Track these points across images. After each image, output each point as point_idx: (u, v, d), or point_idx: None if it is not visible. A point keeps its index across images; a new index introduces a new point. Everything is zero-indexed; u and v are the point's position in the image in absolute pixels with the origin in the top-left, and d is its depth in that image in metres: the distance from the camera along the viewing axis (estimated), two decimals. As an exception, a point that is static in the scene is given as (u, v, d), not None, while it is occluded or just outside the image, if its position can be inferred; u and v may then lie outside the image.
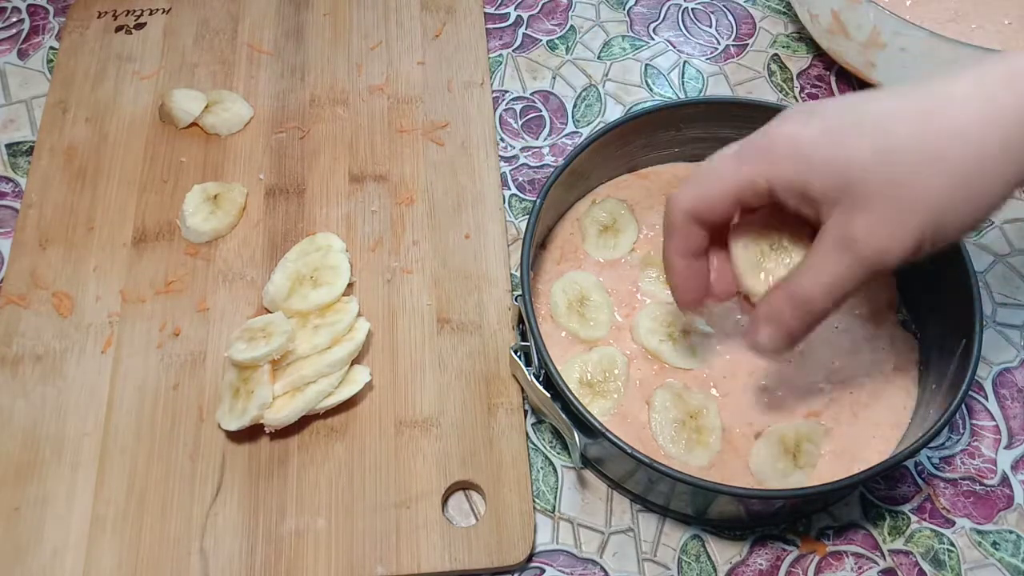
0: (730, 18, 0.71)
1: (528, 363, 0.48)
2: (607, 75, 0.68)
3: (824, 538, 0.50)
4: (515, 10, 0.71)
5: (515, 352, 0.49)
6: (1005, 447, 0.53)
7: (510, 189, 0.62)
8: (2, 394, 0.51)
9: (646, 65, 0.68)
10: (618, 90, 0.67)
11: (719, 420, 0.49)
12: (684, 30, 0.70)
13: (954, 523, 0.50)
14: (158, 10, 0.67)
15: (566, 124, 0.65)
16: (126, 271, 0.56)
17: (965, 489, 0.51)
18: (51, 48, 0.67)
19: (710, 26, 0.71)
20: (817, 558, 0.49)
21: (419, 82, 0.64)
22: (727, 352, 0.52)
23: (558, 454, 0.52)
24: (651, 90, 0.67)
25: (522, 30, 0.70)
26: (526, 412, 0.52)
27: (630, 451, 0.42)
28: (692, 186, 0.42)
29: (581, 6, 0.71)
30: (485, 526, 0.48)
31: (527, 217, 0.52)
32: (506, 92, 0.66)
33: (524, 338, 0.50)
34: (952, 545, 0.50)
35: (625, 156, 0.57)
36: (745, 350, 0.52)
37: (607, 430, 0.43)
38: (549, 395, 0.46)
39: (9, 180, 0.61)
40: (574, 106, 0.66)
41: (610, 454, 0.47)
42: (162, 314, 0.54)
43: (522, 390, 0.52)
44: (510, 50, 0.69)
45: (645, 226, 0.56)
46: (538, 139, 0.64)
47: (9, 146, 0.63)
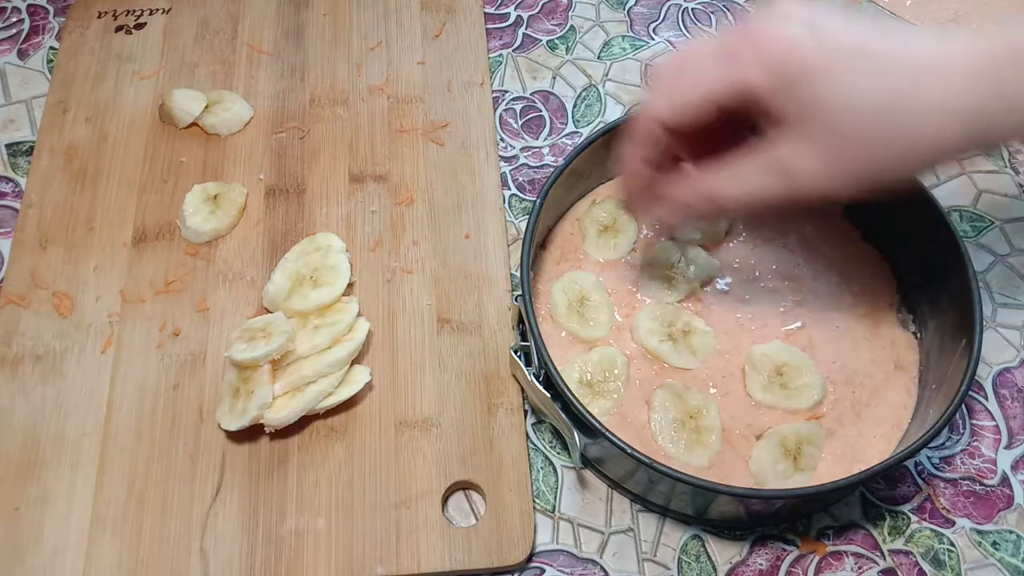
0: (730, 18, 0.71)
1: (528, 363, 0.48)
2: (607, 75, 0.68)
3: (824, 538, 0.50)
4: (515, 10, 0.71)
5: (515, 352, 0.49)
6: (1005, 447, 0.53)
7: (510, 189, 0.62)
8: (2, 394, 0.51)
9: (646, 65, 0.68)
10: (618, 90, 0.67)
11: (719, 420, 0.49)
12: (684, 30, 0.70)
13: (954, 523, 0.50)
14: (158, 10, 0.67)
15: (566, 124, 0.65)
16: (126, 271, 0.56)
17: (965, 489, 0.51)
18: (51, 48, 0.67)
19: (710, 26, 0.71)
20: (817, 558, 0.49)
21: (419, 82, 0.64)
22: (727, 352, 0.52)
23: (558, 454, 0.52)
24: (651, 90, 0.67)
25: (522, 30, 0.70)
26: (526, 412, 0.52)
27: (630, 451, 0.42)
28: (664, 92, 0.40)
29: (581, 6, 0.71)
30: (485, 526, 0.48)
31: (527, 217, 0.52)
32: (506, 92, 0.66)
33: (524, 338, 0.50)
34: (952, 545, 0.50)
35: (625, 156, 0.57)
36: (744, 348, 0.52)
37: (607, 430, 0.43)
38: (549, 395, 0.46)
39: (9, 180, 0.61)
40: (574, 106, 0.66)
41: (610, 454, 0.47)
42: (162, 314, 0.54)
43: (522, 390, 0.52)
44: (510, 50, 0.69)
45: (645, 226, 0.56)
46: (538, 139, 0.64)
47: (9, 146, 0.63)
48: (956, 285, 0.48)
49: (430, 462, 0.50)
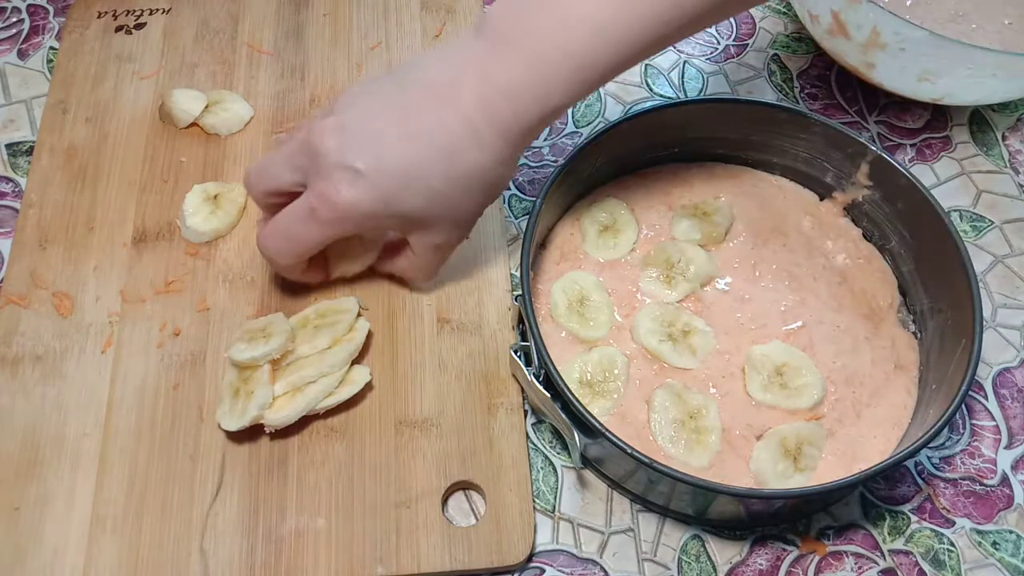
0: (730, 18, 0.71)
1: (528, 363, 0.48)
2: (607, 75, 0.67)
3: (824, 538, 0.50)
4: (515, 10, 0.71)
5: (515, 352, 0.49)
6: (1005, 447, 0.53)
7: (510, 189, 0.62)
8: (2, 394, 0.51)
9: (646, 65, 0.68)
10: (618, 90, 0.67)
11: (719, 420, 0.49)
12: (684, 30, 0.70)
13: (954, 523, 0.50)
14: (158, 10, 0.67)
15: (566, 124, 0.65)
16: (126, 271, 0.56)
17: (965, 489, 0.51)
18: (51, 48, 0.67)
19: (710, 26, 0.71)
20: (817, 558, 0.49)
21: (419, 82, 0.64)
22: (727, 352, 0.52)
23: (558, 454, 0.52)
24: (651, 90, 0.67)
25: (522, 30, 0.70)
26: (526, 412, 0.52)
27: (630, 451, 0.42)
28: (262, 181, 0.49)
29: (581, 6, 0.71)
30: (485, 526, 0.48)
31: (527, 217, 0.52)
32: (506, 92, 0.66)
33: (524, 338, 0.50)
34: (952, 545, 0.50)
35: (625, 156, 0.57)
36: (744, 348, 0.52)
37: (607, 430, 0.43)
38: (549, 395, 0.46)
39: (9, 180, 0.61)
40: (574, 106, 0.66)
41: (610, 454, 0.47)
42: (162, 314, 0.54)
43: (522, 390, 0.52)
44: (510, 50, 0.68)
45: (645, 226, 0.56)
46: (538, 139, 0.64)
47: (9, 146, 0.63)
48: (956, 285, 0.48)
49: (430, 462, 0.50)
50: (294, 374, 0.49)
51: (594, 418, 0.44)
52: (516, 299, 0.49)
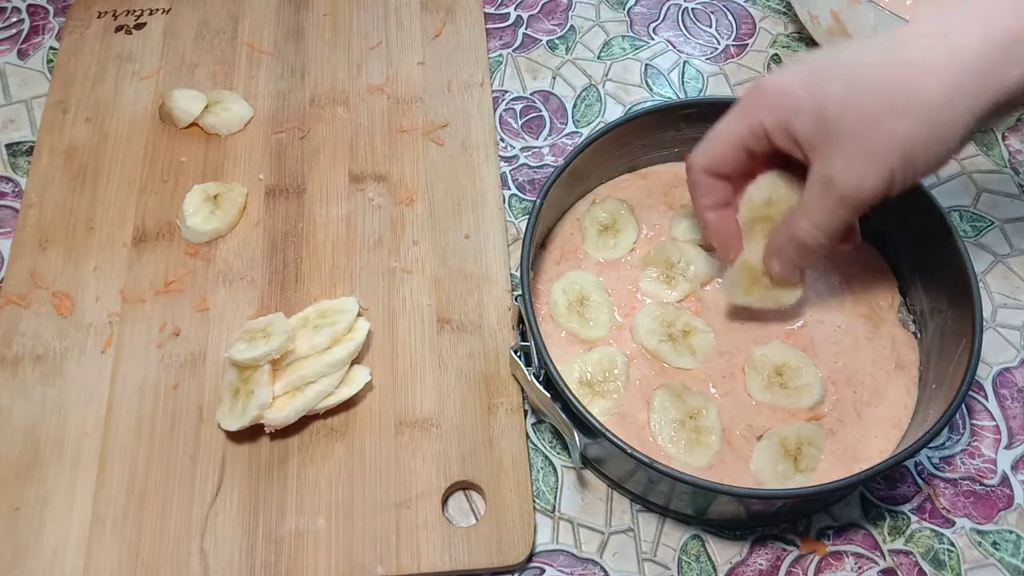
0: (730, 18, 0.71)
1: (528, 363, 0.48)
2: (607, 75, 0.68)
3: (824, 538, 0.50)
4: (515, 10, 0.71)
5: (515, 352, 0.49)
6: (1005, 447, 0.53)
7: (510, 189, 0.62)
8: (2, 394, 0.51)
9: (646, 65, 0.68)
10: (618, 90, 0.67)
11: (719, 420, 0.49)
12: (684, 30, 0.70)
13: (954, 523, 0.50)
14: (158, 10, 0.67)
15: (566, 124, 0.65)
16: (126, 271, 0.56)
17: (965, 489, 0.51)
18: (51, 48, 0.67)
19: (710, 26, 0.71)
20: (817, 558, 0.49)
21: (419, 82, 0.64)
22: (727, 352, 0.52)
23: (558, 454, 0.52)
24: (651, 90, 0.67)
25: (522, 30, 0.70)
26: (526, 412, 0.52)
27: (630, 451, 0.42)
28: (703, 145, 0.47)
29: (581, 6, 0.71)
30: (485, 526, 0.48)
31: (527, 217, 0.52)
32: (506, 92, 0.66)
33: (524, 338, 0.50)
34: (952, 545, 0.50)
35: (625, 156, 0.57)
36: (744, 348, 0.52)
37: (607, 430, 0.43)
38: (549, 395, 0.46)
39: (9, 180, 0.61)
40: (574, 106, 0.66)
41: (610, 454, 0.47)
42: (162, 314, 0.54)
43: (522, 390, 0.52)
44: (510, 50, 0.69)
45: (645, 226, 0.56)
46: (538, 139, 0.64)
47: (9, 146, 0.63)
48: (956, 285, 0.48)
49: (430, 462, 0.50)
50: (294, 374, 0.49)
51: (594, 418, 0.44)
52: (516, 299, 0.49)
